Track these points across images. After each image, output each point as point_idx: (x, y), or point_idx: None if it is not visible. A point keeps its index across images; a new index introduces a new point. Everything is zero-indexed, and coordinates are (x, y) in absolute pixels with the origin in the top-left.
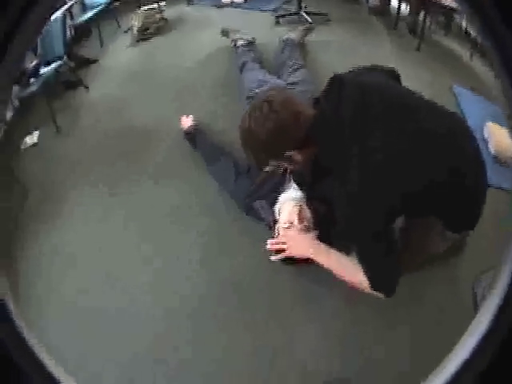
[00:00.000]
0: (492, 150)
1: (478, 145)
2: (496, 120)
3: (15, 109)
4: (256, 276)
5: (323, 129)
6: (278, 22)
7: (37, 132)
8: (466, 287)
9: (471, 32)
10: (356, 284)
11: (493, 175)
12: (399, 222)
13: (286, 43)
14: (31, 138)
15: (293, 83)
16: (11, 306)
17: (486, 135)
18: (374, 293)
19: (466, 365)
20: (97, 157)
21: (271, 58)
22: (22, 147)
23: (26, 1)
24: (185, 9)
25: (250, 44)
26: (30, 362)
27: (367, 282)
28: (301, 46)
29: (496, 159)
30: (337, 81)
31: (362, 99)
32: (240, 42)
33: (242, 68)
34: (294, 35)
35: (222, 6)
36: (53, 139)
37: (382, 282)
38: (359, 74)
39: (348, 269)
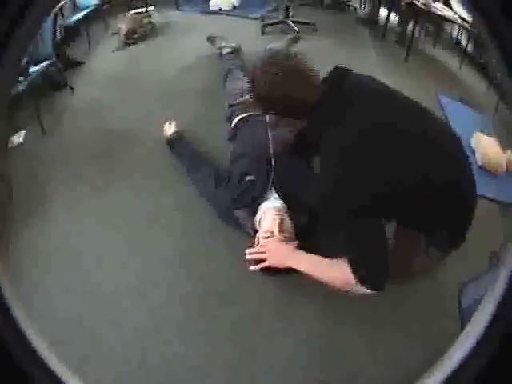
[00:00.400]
0: (479, 159)
1: (467, 157)
2: (483, 130)
3: None
4: (235, 283)
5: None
6: (264, 32)
7: (23, 132)
8: (451, 296)
9: (461, 40)
10: (343, 284)
11: (479, 185)
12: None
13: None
14: (17, 138)
15: None
16: (7, 293)
17: (473, 145)
18: (362, 290)
19: (461, 368)
20: (80, 158)
21: None
22: (9, 146)
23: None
24: (173, 14)
25: (236, 51)
26: (31, 360)
27: (354, 276)
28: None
29: (482, 169)
30: (340, 70)
31: (356, 87)
32: (226, 50)
33: (226, 76)
34: (279, 44)
35: (210, 12)
36: (38, 139)
37: (370, 271)
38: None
39: (332, 269)
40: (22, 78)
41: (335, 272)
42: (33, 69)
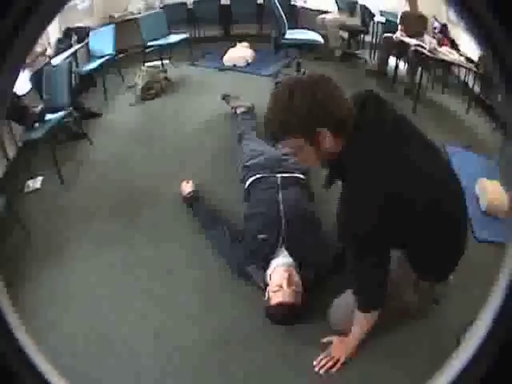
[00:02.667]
0: (483, 205)
1: (461, 187)
2: (489, 174)
3: (19, 149)
4: (246, 333)
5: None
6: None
7: (40, 177)
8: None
9: (469, 83)
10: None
11: (482, 229)
12: None
13: None
14: (34, 183)
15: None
16: (4, 305)
17: (477, 191)
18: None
19: (460, 378)
20: (97, 209)
21: None
22: (25, 190)
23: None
24: (188, 69)
25: (250, 111)
26: (21, 362)
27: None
28: None
29: (486, 214)
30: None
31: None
32: (240, 110)
33: (240, 138)
34: None
35: (223, 68)
36: (56, 188)
37: (368, 297)
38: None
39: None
40: (38, 125)
41: (365, 322)
42: (49, 116)
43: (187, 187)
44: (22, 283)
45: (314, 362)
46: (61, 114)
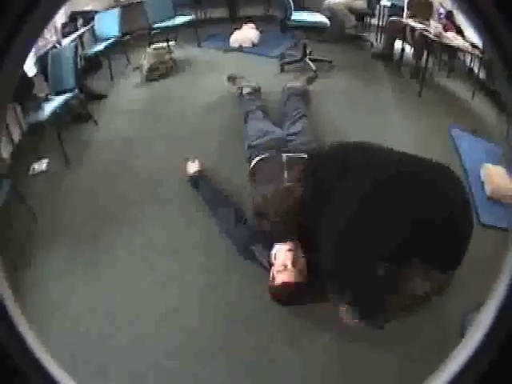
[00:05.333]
0: (488, 191)
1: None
2: (494, 159)
3: (24, 133)
4: (250, 313)
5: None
6: (282, 70)
7: (46, 160)
8: (453, 328)
9: (474, 69)
10: None
11: (487, 214)
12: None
13: (290, 92)
14: (40, 165)
15: (292, 134)
16: (10, 304)
17: (482, 177)
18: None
19: (460, 376)
20: (102, 192)
21: (276, 106)
22: (30, 173)
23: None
24: (194, 50)
25: (255, 92)
26: (28, 360)
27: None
28: (304, 94)
29: (491, 199)
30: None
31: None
32: (245, 90)
33: (246, 117)
34: (297, 84)
35: (230, 49)
36: (61, 169)
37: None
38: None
39: None
40: (43, 106)
41: None
42: (55, 99)
43: (193, 166)
44: (28, 265)
45: None
46: (66, 96)
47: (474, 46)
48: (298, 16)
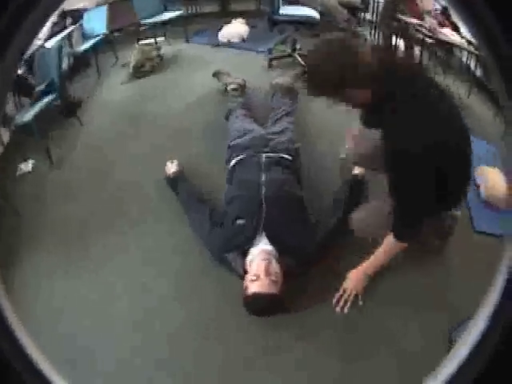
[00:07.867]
0: (483, 193)
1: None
2: (489, 162)
3: (12, 133)
4: (222, 323)
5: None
6: (271, 65)
7: (32, 160)
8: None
9: (470, 66)
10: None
11: (483, 221)
12: None
13: (276, 88)
14: (26, 166)
15: (274, 133)
16: (3, 303)
17: (477, 179)
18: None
19: (458, 374)
20: (87, 194)
21: (262, 103)
22: (17, 173)
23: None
24: (182, 46)
25: (241, 88)
26: (21, 360)
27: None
28: (290, 91)
29: (487, 203)
30: None
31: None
32: (231, 86)
33: (228, 115)
34: (284, 80)
35: (218, 45)
36: (46, 170)
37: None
38: None
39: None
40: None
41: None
42: (39, 100)
43: (172, 167)
44: (16, 265)
45: (334, 301)
46: (50, 97)
47: (470, 42)
48: (285, 10)
